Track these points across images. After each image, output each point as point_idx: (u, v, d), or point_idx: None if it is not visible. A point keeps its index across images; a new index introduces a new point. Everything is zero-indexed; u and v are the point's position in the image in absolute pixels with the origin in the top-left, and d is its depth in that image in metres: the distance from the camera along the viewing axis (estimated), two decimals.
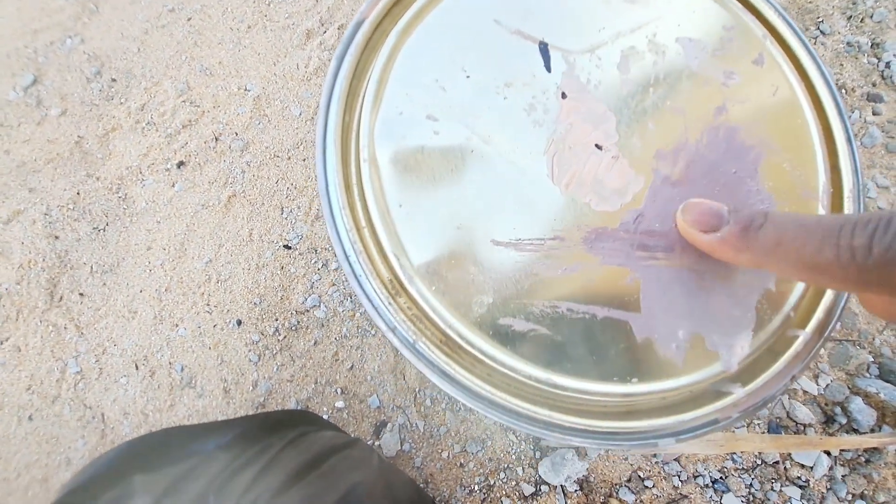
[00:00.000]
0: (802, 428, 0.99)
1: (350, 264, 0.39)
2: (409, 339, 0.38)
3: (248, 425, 0.78)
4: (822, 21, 1.30)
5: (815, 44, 1.29)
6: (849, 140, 0.48)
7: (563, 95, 0.45)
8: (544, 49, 0.46)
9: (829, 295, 0.43)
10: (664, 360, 0.40)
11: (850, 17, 1.31)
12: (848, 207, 0.46)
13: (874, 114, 1.23)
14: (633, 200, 0.43)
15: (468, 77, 0.44)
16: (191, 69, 1.20)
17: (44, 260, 1.05)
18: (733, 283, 0.42)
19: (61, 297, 1.03)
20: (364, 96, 0.43)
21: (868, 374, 1.03)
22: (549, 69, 0.45)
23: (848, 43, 1.29)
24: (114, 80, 1.21)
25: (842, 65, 1.27)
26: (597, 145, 0.44)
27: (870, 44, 1.29)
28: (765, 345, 0.42)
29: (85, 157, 1.13)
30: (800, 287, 0.43)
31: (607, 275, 0.41)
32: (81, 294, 1.03)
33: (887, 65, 1.25)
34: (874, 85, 1.26)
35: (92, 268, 1.05)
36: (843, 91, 1.24)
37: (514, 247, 0.41)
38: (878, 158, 1.20)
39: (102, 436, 0.95)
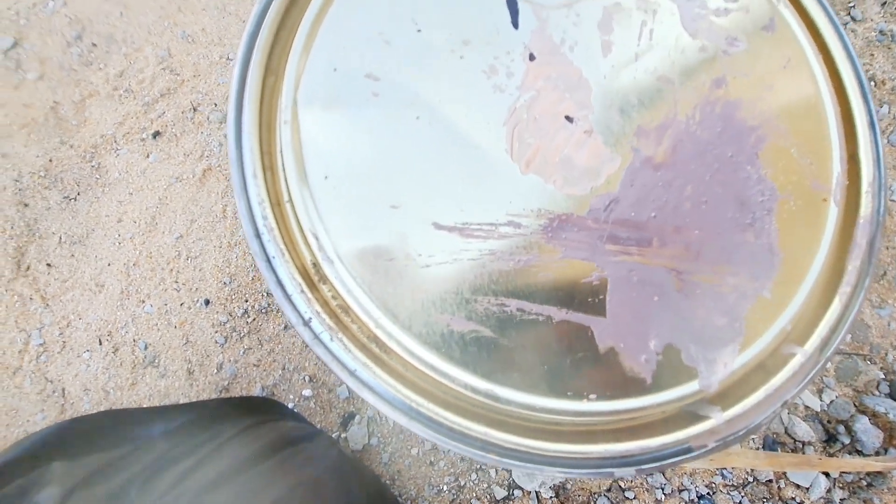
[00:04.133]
0: (801, 446, 0.92)
1: (261, 244, 0.33)
2: (325, 335, 0.33)
3: (201, 411, 0.73)
4: (854, 6, 1.19)
5: (844, 30, 1.19)
6: (872, 125, 0.40)
7: (531, 57, 0.38)
8: (512, 1, 0.39)
9: (836, 306, 0.37)
10: (630, 375, 0.34)
11: (885, 2, 1.20)
12: (866, 204, 0.38)
13: None
14: (606, 184, 0.37)
15: (419, 31, 0.38)
16: (173, 35, 1.14)
17: (12, 228, 1.01)
18: (721, 286, 0.36)
19: (28, 267, 0.99)
20: (291, 48, 0.36)
21: (878, 392, 0.96)
22: (516, 25, 0.38)
23: (881, 31, 1.18)
24: (94, 44, 1.16)
25: (872, 55, 1.16)
26: (567, 117, 0.37)
27: None
28: (754, 362, 0.36)
29: (60, 123, 1.09)
30: (801, 296, 0.36)
31: (569, 270, 0.35)
32: (49, 265, 0.99)
33: None
34: None
35: (61, 238, 1.01)
36: (873, 83, 1.14)
37: (460, 232, 0.35)
38: None
39: (62, 411, 0.91)
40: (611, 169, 0.36)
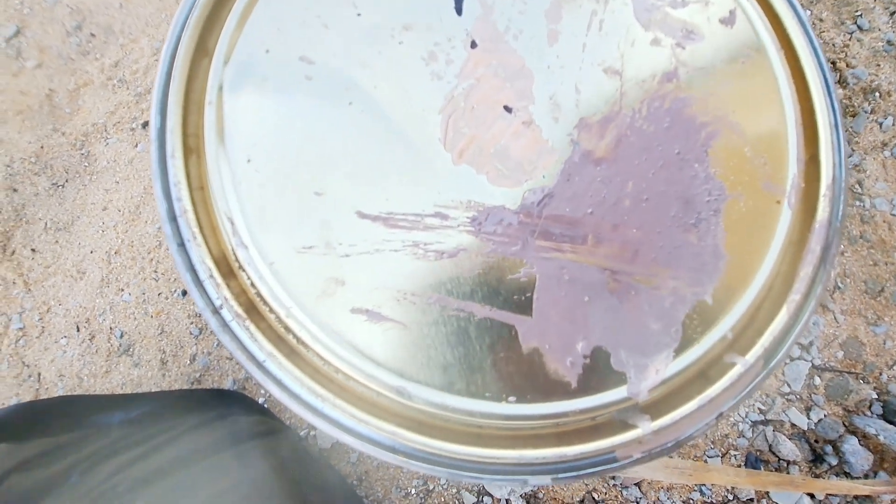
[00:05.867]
0: (785, 465, 0.89)
1: (177, 227, 0.33)
2: (234, 324, 0.31)
3: (164, 401, 0.73)
4: (861, 15, 1.16)
5: (850, 39, 1.15)
6: (835, 126, 0.38)
7: (473, 44, 0.37)
8: None
9: (783, 315, 0.34)
10: (554, 378, 0.32)
11: (894, 12, 1.16)
12: (823, 209, 0.36)
13: None
14: (541, 177, 0.35)
15: (359, 15, 0.37)
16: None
17: (0, 212, 1.02)
18: (659, 289, 0.34)
19: (13, 252, 1.00)
20: (225, 26, 0.36)
21: (869, 413, 0.92)
22: (459, 11, 0.37)
23: (889, 41, 1.14)
24: (93, 34, 1.17)
25: (878, 65, 1.13)
26: (506, 107, 0.36)
27: None
28: (690, 370, 0.34)
29: (54, 110, 1.10)
30: (745, 302, 0.34)
31: (496, 266, 0.33)
32: (33, 250, 1.00)
33: None
34: None
35: (46, 224, 1.02)
36: (877, 95, 1.11)
37: (384, 221, 0.33)
38: None
39: (36, 395, 0.92)
40: (548, 162, 0.35)
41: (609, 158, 0.35)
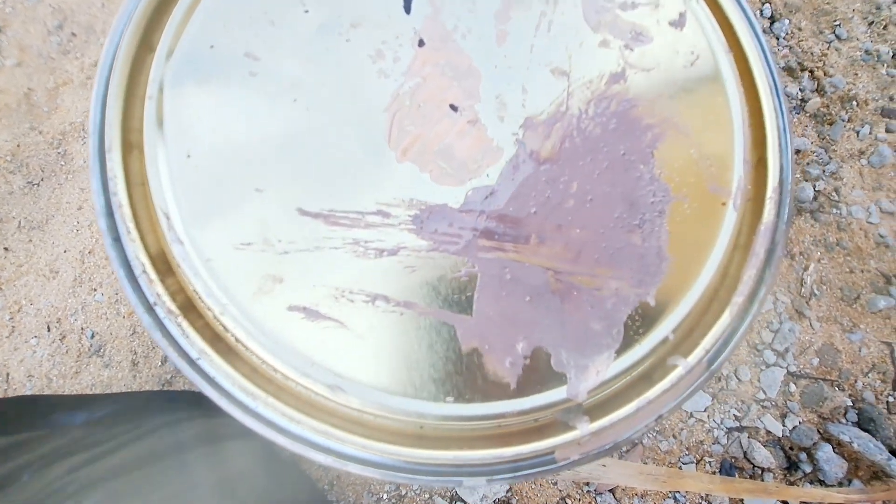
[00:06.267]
0: (760, 472, 0.88)
1: (112, 222, 0.32)
2: (167, 321, 0.31)
3: (129, 402, 0.71)
4: (840, 25, 1.17)
5: (828, 48, 1.16)
6: (783, 129, 0.38)
7: (421, 43, 0.37)
8: None
9: (724, 319, 0.34)
10: (493, 379, 0.32)
11: (872, 22, 1.18)
12: (769, 211, 0.36)
13: (887, 131, 1.10)
14: (485, 177, 0.35)
15: (306, 12, 0.36)
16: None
17: None
18: (601, 289, 0.34)
19: None
20: (169, 21, 0.35)
21: (844, 420, 0.92)
22: (408, 10, 0.37)
23: (866, 51, 1.16)
24: (73, 34, 1.17)
25: (856, 74, 1.14)
26: (452, 106, 0.36)
27: (891, 53, 1.16)
28: (631, 372, 0.33)
29: (31, 109, 1.09)
30: (688, 304, 0.34)
31: (436, 264, 0.33)
32: (6, 248, 0.99)
33: None
34: (891, 99, 1.13)
35: (20, 223, 1.01)
36: (854, 103, 1.12)
37: (325, 219, 0.33)
38: (886, 181, 1.08)
39: (4, 395, 0.90)
40: (492, 161, 0.35)
41: (554, 159, 0.35)
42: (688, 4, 0.39)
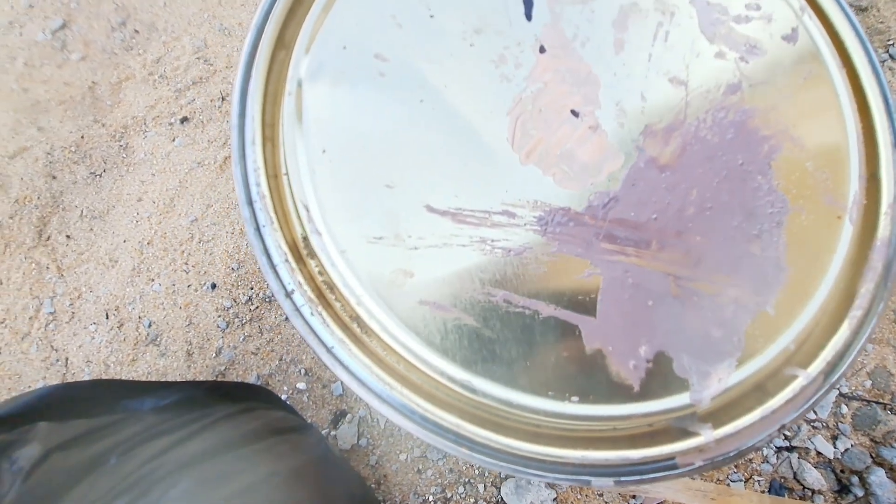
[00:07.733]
0: (810, 494, 0.87)
1: (253, 211, 0.33)
2: (306, 308, 0.32)
3: (193, 391, 0.73)
4: (893, 45, 1.16)
5: (882, 68, 1.15)
6: (895, 145, 0.38)
7: (542, 49, 0.38)
8: None
9: (844, 330, 0.34)
10: (616, 380, 0.32)
11: None
12: (884, 226, 0.36)
13: None
14: (607, 181, 0.36)
15: (432, 16, 0.38)
16: (210, 27, 1.19)
17: (38, 198, 1.04)
18: (721, 297, 0.34)
19: (49, 237, 1.02)
20: (305, 22, 0.37)
21: None
22: (529, 17, 0.38)
23: None
24: (136, 31, 1.21)
25: None
26: (573, 111, 0.37)
27: None
28: (752, 380, 0.34)
29: (95, 102, 1.13)
30: (807, 315, 0.34)
31: (561, 265, 0.34)
32: (68, 236, 1.02)
33: None
34: None
35: (82, 212, 1.04)
36: None
37: (453, 217, 0.34)
38: None
39: (63, 380, 0.93)
40: (613, 166, 0.35)
41: (673, 166, 0.36)
42: (800, 20, 0.40)
